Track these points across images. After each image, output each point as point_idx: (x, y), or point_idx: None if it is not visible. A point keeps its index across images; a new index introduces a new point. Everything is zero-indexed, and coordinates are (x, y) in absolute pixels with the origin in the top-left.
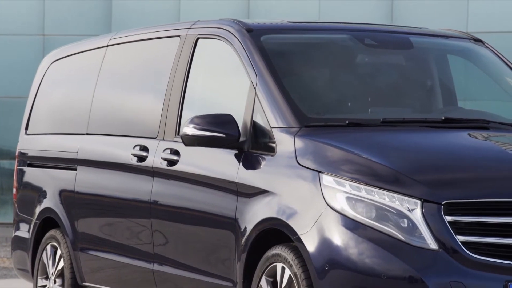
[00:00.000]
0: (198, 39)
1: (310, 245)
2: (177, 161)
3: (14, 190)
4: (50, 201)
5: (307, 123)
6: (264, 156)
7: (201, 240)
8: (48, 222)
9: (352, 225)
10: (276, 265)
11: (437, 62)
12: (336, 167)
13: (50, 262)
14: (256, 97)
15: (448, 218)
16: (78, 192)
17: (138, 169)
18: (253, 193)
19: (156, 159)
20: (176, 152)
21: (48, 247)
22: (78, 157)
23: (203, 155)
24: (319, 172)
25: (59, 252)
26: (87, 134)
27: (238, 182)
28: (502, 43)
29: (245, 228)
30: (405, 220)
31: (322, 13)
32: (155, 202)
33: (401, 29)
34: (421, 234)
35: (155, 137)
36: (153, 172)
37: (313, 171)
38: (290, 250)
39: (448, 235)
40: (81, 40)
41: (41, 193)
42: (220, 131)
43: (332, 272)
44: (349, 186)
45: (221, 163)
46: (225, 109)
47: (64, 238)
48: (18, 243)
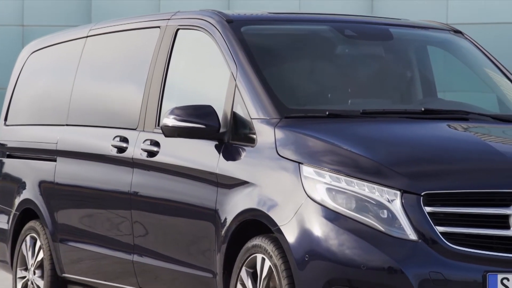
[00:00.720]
0: (178, 30)
1: (290, 236)
2: (157, 152)
3: None
4: (30, 192)
5: (287, 114)
6: (245, 147)
7: (181, 231)
8: (28, 213)
9: (332, 216)
10: (256, 256)
11: (417, 54)
12: (316, 158)
13: (30, 253)
14: (237, 88)
15: (428, 209)
16: (58, 183)
17: (118, 160)
18: (233, 184)
19: (136, 150)
20: (156, 143)
21: (28, 238)
22: (58, 148)
23: (183, 146)
24: (299, 163)
25: (39, 243)
26: (67, 125)
27: (218, 173)
28: (482, 35)
29: (225, 219)
30: (385, 211)
31: (303, 9)
32: (135, 193)
33: (381, 21)
34: (401, 225)
35: (135, 128)
36: (133, 163)
37: (293, 162)
38: (270, 241)
39: (428, 226)
40: (61, 31)
41: (21, 184)
42: (200, 122)
43: (312, 263)
44: (329, 177)
45: (201, 154)
46: (205, 100)
47: (44, 229)
48: None
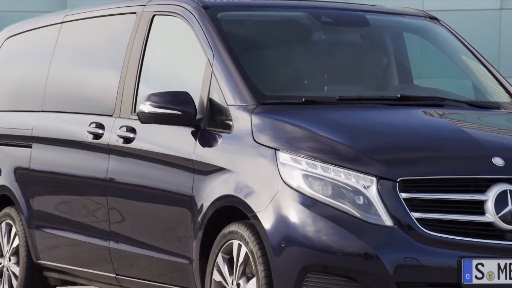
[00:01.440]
0: (154, 16)
1: (267, 223)
2: (133, 139)
3: None
4: (5, 179)
5: (264, 101)
6: (221, 134)
7: (158, 218)
8: (3, 200)
9: (308, 203)
10: (233, 243)
11: (393, 40)
12: (293, 145)
13: (5, 240)
14: (213, 75)
15: (403, 195)
16: (33, 170)
17: (94, 147)
18: (210, 171)
19: (112, 137)
20: (132, 130)
21: (3, 225)
22: (33, 135)
23: (160, 133)
24: (276, 150)
25: (14, 230)
26: (42, 111)
27: (195, 160)
28: (457, 21)
29: (202, 206)
30: (361, 197)
31: None
32: (111, 180)
33: (358, 7)
34: (377, 211)
35: (111, 115)
36: (109, 150)
37: (270, 149)
38: (247, 228)
39: (403, 212)
40: (36, 17)
41: None
42: (177, 109)
43: (288, 249)
44: (306, 164)
45: (178, 141)
46: (182, 87)
47: (19, 216)
48: None
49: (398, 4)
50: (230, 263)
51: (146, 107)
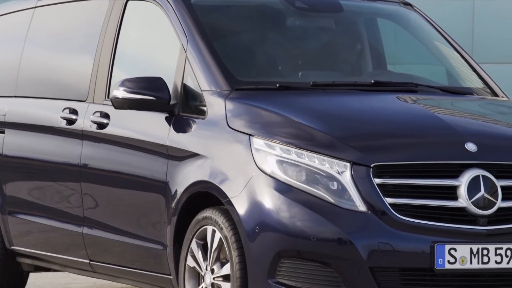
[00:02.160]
0: (128, 1)
1: (241, 208)
2: (107, 124)
3: None
4: None
5: (238, 86)
6: (195, 119)
7: (132, 204)
8: None
9: (283, 188)
10: (207, 228)
11: (367, 26)
12: (267, 130)
13: None
14: (187, 60)
15: (377, 181)
16: (6, 156)
17: (68, 132)
18: (184, 157)
19: (86, 122)
20: (106, 115)
21: None
22: (6, 120)
23: (134, 118)
24: (250, 135)
25: None
26: (15, 97)
27: (169, 145)
28: (431, 8)
29: (176, 192)
30: (335, 183)
31: None
32: (85, 166)
33: None
34: (350, 197)
35: (85, 100)
36: (83, 135)
37: (244, 134)
38: (221, 213)
39: (377, 197)
40: (9, 1)
41: None
42: (151, 94)
43: (263, 235)
44: (280, 149)
45: (152, 126)
46: (156, 72)
47: None
48: None
49: None
50: (204, 249)
51: (120, 93)
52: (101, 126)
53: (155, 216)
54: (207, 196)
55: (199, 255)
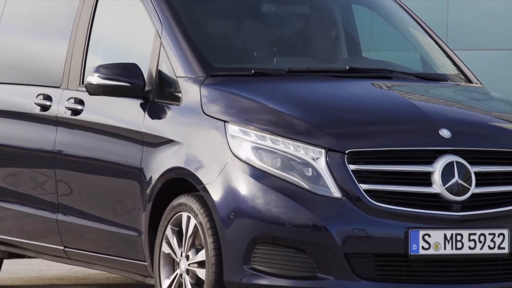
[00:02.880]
0: None
1: (216, 195)
2: (82, 111)
3: None
4: None
5: (213, 73)
6: (170, 106)
7: (106, 190)
8: None
9: (258, 175)
10: (182, 215)
11: (342, 12)
12: (242, 117)
13: None
14: (162, 46)
15: (352, 167)
16: None
17: (42, 119)
18: (159, 143)
19: (60, 108)
20: (81, 102)
21: None
22: None
23: (108, 105)
24: (225, 122)
25: None
26: None
27: (144, 132)
28: None
29: (151, 178)
30: (310, 169)
31: None
32: (59, 152)
33: None
34: (325, 183)
35: (59, 86)
36: (57, 122)
37: (219, 121)
38: (196, 200)
39: (352, 184)
40: None
41: None
42: (125, 81)
43: (237, 221)
44: (255, 136)
45: (126, 113)
46: (131, 58)
47: None
48: None
49: None
50: (179, 235)
51: (95, 79)
52: (76, 113)
53: (130, 203)
54: (182, 183)
55: (174, 242)
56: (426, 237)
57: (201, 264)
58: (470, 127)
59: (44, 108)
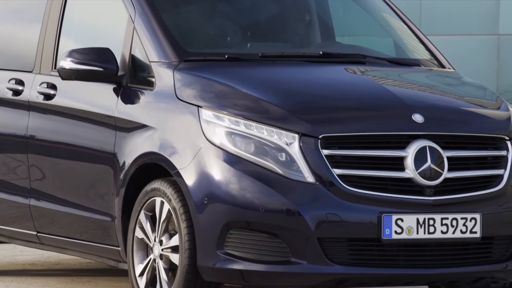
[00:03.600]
0: None
1: (189, 180)
2: (54, 95)
3: None
4: None
5: (187, 58)
6: (143, 91)
7: (79, 175)
8: None
9: (231, 160)
10: (155, 200)
11: None
12: (215, 102)
13: None
14: (135, 31)
15: (325, 152)
16: None
17: (14, 103)
18: (132, 128)
19: (32, 93)
20: (53, 86)
21: None
22: None
23: (81, 90)
24: (198, 107)
25: None
26: None
27: (117, 117)
28: None
29: (124, 163)
30: (283, 154)
31: None
32: (32, 137)
33: None
34: (299, 168)
35: (31, 71)
36: (29, 107)
37: (193, 106)
38: (169, 185)
39: (325, 169)
40: None
41: None
42: (98, 65)
43: (211, 206)
44: (228, 121)
45: (99, 98)
46: (104, 43)
47: None
48: None
49: None
50: (153, 220)
51: (67, 64)
52: (48, 97)
53: (103, 188)
54: (156, 168)
55: (148, 227)
56: (399, 222)
57: (175, 249)
58: (443, 112)
59: (16, 93)
